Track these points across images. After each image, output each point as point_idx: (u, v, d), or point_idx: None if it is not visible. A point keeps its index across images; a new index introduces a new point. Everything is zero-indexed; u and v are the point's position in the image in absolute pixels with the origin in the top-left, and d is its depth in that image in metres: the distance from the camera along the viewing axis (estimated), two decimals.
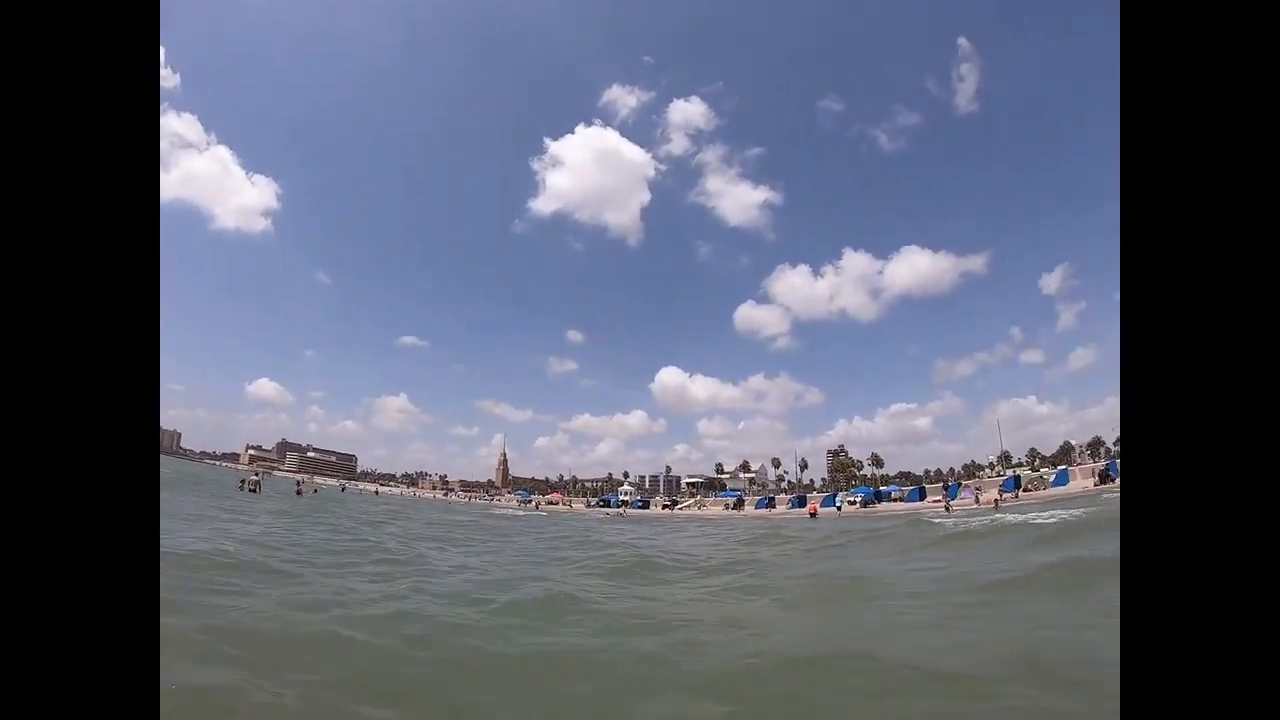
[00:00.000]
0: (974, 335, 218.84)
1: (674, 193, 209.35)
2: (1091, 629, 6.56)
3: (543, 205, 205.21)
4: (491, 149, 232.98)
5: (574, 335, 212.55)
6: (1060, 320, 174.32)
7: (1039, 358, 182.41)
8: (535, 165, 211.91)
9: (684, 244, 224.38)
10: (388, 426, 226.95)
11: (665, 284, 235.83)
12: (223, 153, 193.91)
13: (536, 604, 9.13)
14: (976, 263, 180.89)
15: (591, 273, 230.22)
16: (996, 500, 44.98)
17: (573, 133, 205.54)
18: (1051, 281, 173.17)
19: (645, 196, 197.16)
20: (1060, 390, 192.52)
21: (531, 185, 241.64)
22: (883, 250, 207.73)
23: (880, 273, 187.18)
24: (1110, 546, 12.14)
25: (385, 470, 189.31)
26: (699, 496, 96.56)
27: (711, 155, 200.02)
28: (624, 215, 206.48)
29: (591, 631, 7.46)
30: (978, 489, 56.00)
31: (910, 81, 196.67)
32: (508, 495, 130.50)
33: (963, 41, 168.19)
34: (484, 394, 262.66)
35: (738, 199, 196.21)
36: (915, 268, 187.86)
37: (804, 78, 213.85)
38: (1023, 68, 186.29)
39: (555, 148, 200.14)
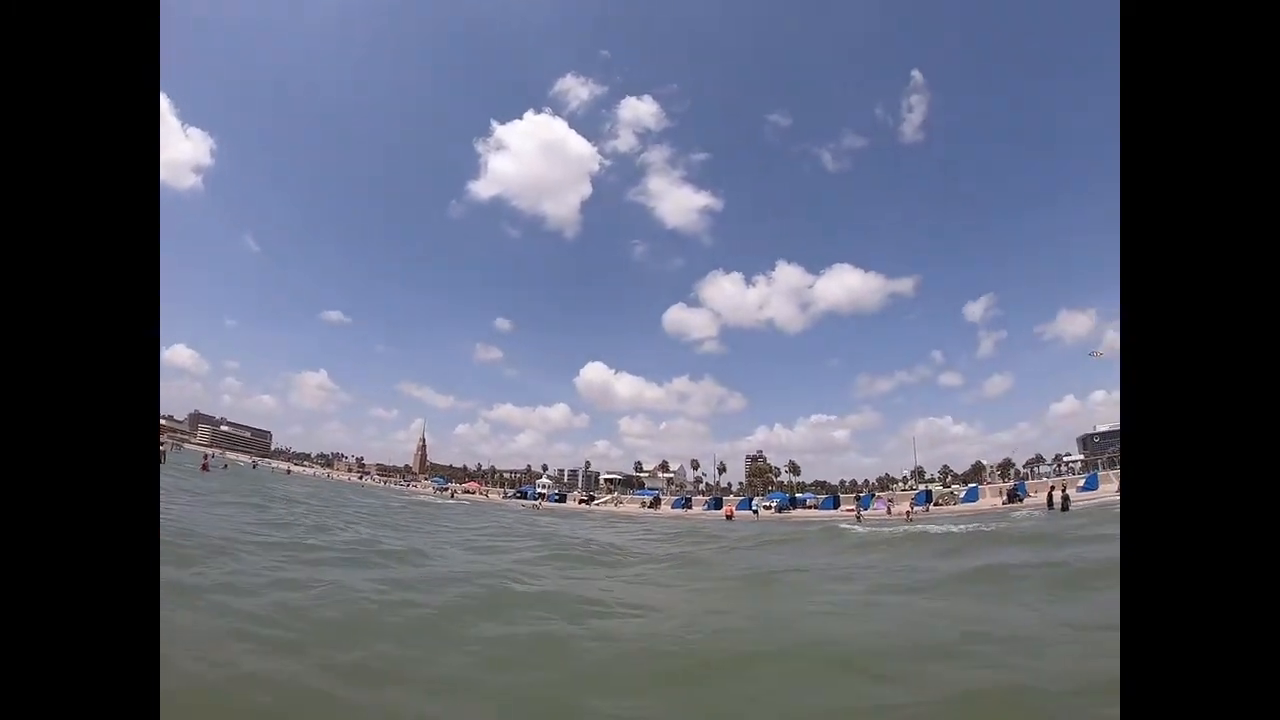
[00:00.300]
0: (897, 354, 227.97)
1: (616, 189, 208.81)
2: (989, 620, 7.74)
3: (483, 189, 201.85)
4: (437, 126, 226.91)
5: (502, 323, 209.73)
6: (980, 347, 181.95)
7: (957, 381, 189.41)
8: (479, 147, 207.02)
9: (620, 241, 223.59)
10: (306, 404, 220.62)
11: (598, 279, 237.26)
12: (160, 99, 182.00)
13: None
14: (905, 285, 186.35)
15: (525, 262, 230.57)
16: (908, 512, 46.42)
17: (521, 118, 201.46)
18: (975, 310, 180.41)
19: (587, 190, 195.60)
20: (975, 413, 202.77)
21: (473, 167, 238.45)
22: (815, 265, 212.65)
23: (811, 287, 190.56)
24: (1006, 555, 14.18)
25: (300, 449, 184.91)
26: (615, 493, 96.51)
27: (657, 155, 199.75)
28: (563, 207, 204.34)
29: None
30: (890, 501, 57.62)
31: (860, 106, 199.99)
32: (424, 481, 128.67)
33: (916, 74, 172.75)
34: (406, 376, 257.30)
35: (678, 201, 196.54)
36: (845, 285, 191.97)
37: (757, 90, 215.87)
38: (969, 106, 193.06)
39: (502, 132, 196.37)
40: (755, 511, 58.99)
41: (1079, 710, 4.61)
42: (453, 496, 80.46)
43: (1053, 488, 45.86)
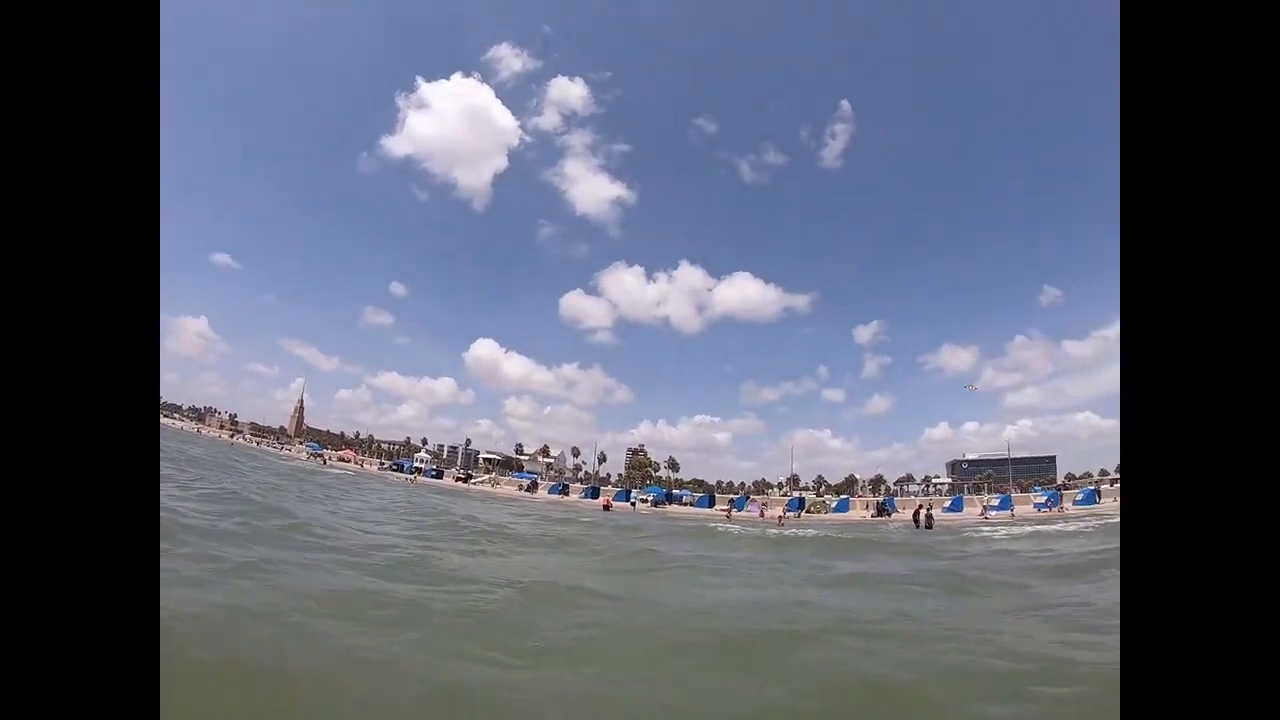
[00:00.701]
0: (785, 366, 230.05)
1: (532, 167, 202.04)
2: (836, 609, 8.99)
3: (397, 145, 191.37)
4: (359, 70, 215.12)
5: (397, 288, 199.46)
6: (865, 369, 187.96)
7: (840, 397, 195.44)
8: (400, 102, 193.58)
9: (528, 220, 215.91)
10: (182, 351, 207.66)
11: (500, 255, 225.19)
12: None
13: None
14: (801, 301, 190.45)
15: (429, 228, 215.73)
16: (781, 517, 48.10)
17: (448, 79, 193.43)
18: (865, 333, 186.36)
19: (502, 163, 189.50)
20: (854, 429, 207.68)
21: (391, 122, 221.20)
22: (718, 270, 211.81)
23: (711, 290, 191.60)
24: (868, 563, 16.07)
25: (171, 400, 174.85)
26: (493, 474, 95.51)
27: (579, 140, 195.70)
28: (476, 177, 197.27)
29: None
30: (764, 504, 59.65)
31: (787, 125, 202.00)
32: (299, 445, 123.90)
33: (845, 104, 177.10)
34: (292, 333, 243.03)
35: (592, 189, 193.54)
36: (744, 293, 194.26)
37: (690, 92, 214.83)
38: (890, 144, 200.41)
39: (427, 90, 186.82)
40: (633, 504, 59.92)
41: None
42: (325, 463, 77.39)
43: (920, 506, 48.72)
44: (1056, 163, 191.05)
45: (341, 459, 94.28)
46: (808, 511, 56.87)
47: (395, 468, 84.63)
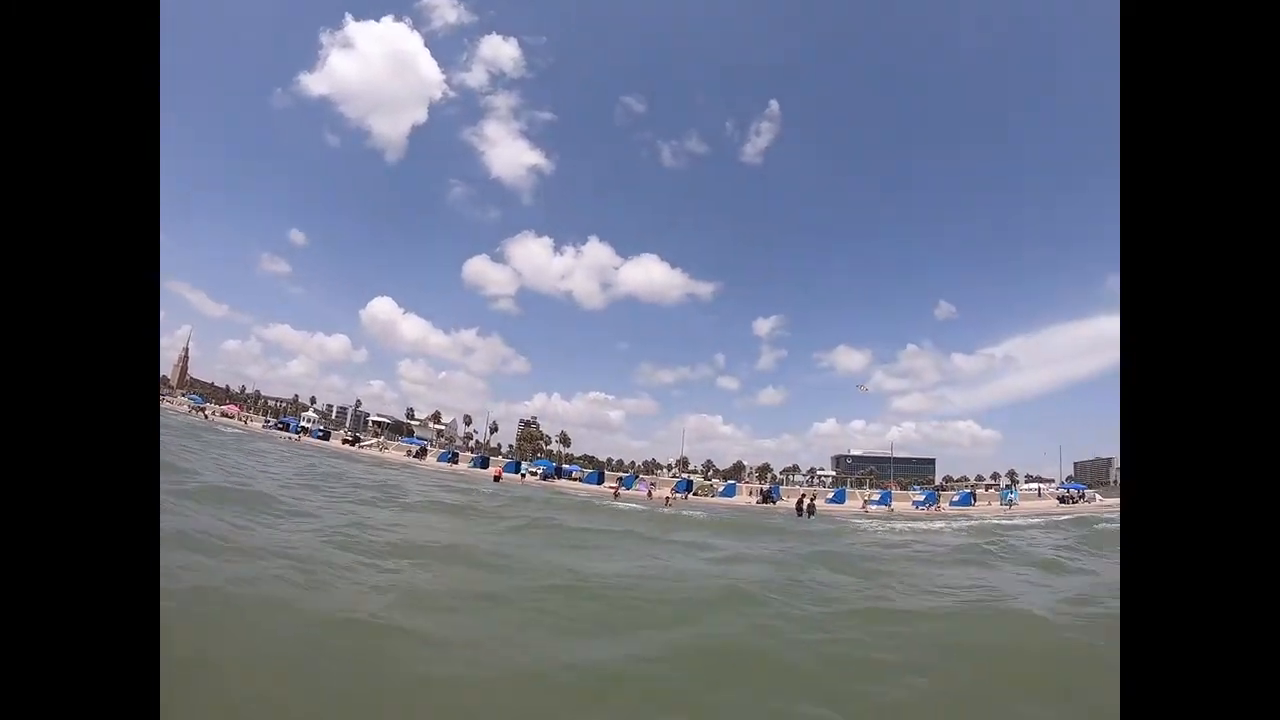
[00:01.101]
0: (683, 350, 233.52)
1: (451, 124, 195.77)
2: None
3: (314, 84, 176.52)
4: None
5: (297, 236, 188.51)
6: (761, 360, 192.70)
7: (734, 385, 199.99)
8: (324, 39, 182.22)
9: (441, 178, 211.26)
10: None
11: (408, 212, 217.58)
12: None
13: None
14: (705, 289, 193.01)
15: (337, 175, 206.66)
16: (668, 498, 48.67)
17: (378, 20, 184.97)
18: (764, 326, 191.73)
19: (422, 116, 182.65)
20: (745, 417, 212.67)
21: (311, 58, 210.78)
22: (626, 250, 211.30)
23: (617, 269, 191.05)
24: (750, 543, 18.15)
25: None
26: (382, 438, 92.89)
27: (504, 102, 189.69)
28: (393, 127, 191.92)
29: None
30: (652, 484, 60.33)
31: (714, 116, 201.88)
32: (180, 396, 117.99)
33: (774, 104, 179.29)
34: (180, 275, 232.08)
35: (510, 154, 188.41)
36: (650, 275, 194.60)
37: (623, 69, 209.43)
38: (810, 151, 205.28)
39: (354, 29, 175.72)
40: (523, 476, 59.51)
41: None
42: (206, 417, 73.79)
43: (803, 496, 50.08)
44: (966, 191, 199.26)
45: (225, 414, 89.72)
46: (695, 494, 57.84)
47: (280, 426, 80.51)
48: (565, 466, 76.81)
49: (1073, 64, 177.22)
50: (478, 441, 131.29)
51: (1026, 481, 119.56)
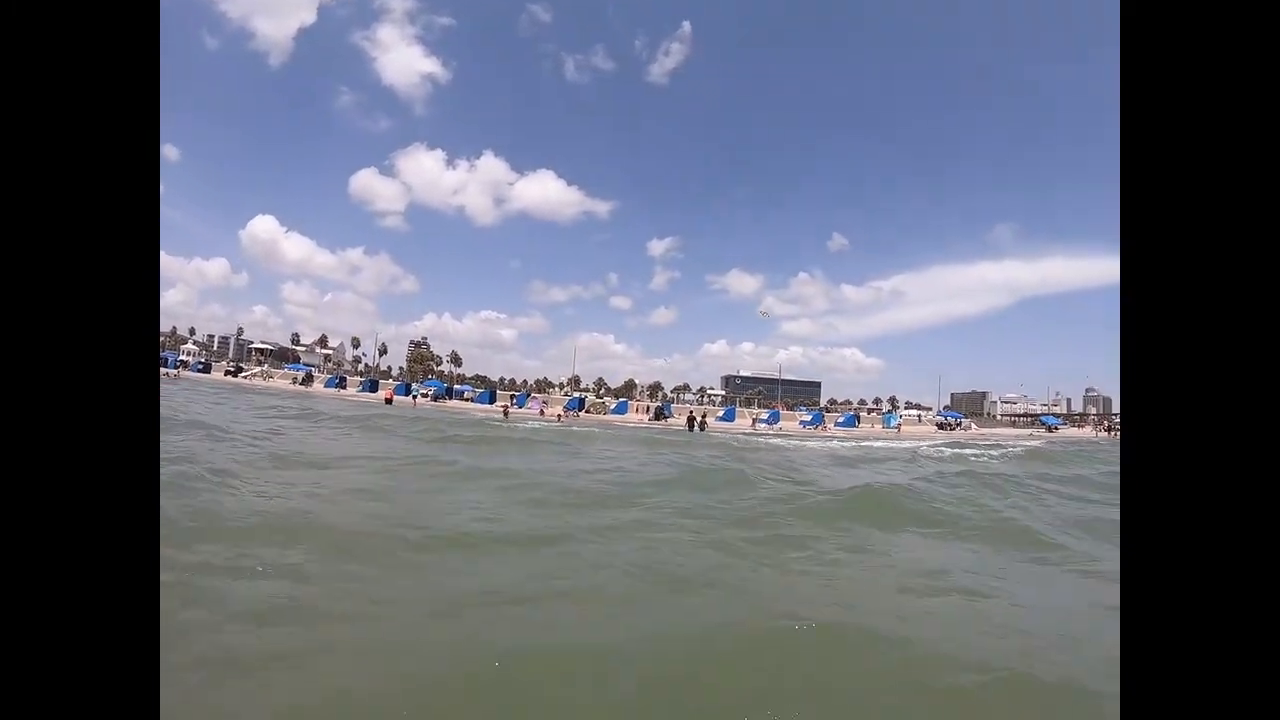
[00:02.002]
0: (576, 269, 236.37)
1: (342, 26, 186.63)
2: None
3: None
4: None
5: (169, 150, 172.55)
6: (654, 280, 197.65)
7: (627, 305, 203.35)
8: None
9: (328, 85, 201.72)
10: None
11: (290, 121, 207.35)
12: None
13: None
14: (602, 208, 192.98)
15: (215, 81, 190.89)
16: (560, 415, 49.02)
17: None
18: (659, 247, 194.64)
19: (310, 17, 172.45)
20: (637, 337, 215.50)
21: None
22: (521, 165, 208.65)
23: (511, 184, 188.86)
24: (658, 450, 21.48)
25: None
26: (265, 366, 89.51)
27: (400, 4, 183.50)
28: (278, 28, 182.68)
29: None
30: (544, 402, 60.81)
31: (624, 32, 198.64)
32: None
33: (687, 25, 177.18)
34: None
35: (404, 60, 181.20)
36: (545, 191, 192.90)
37: None
38: (718, 75, 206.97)
39: None
40: (414, 398, 59.00)
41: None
42: None
43: (691, 413, 51.22)
44: (866, 132, 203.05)
45: None
46: (586, 412, 58.96)
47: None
48: (457, 387, 76.61)
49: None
50: (367, 365, 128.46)
51: (906, 408, 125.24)
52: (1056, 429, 71.74)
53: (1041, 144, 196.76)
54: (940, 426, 70.31)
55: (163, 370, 62.84)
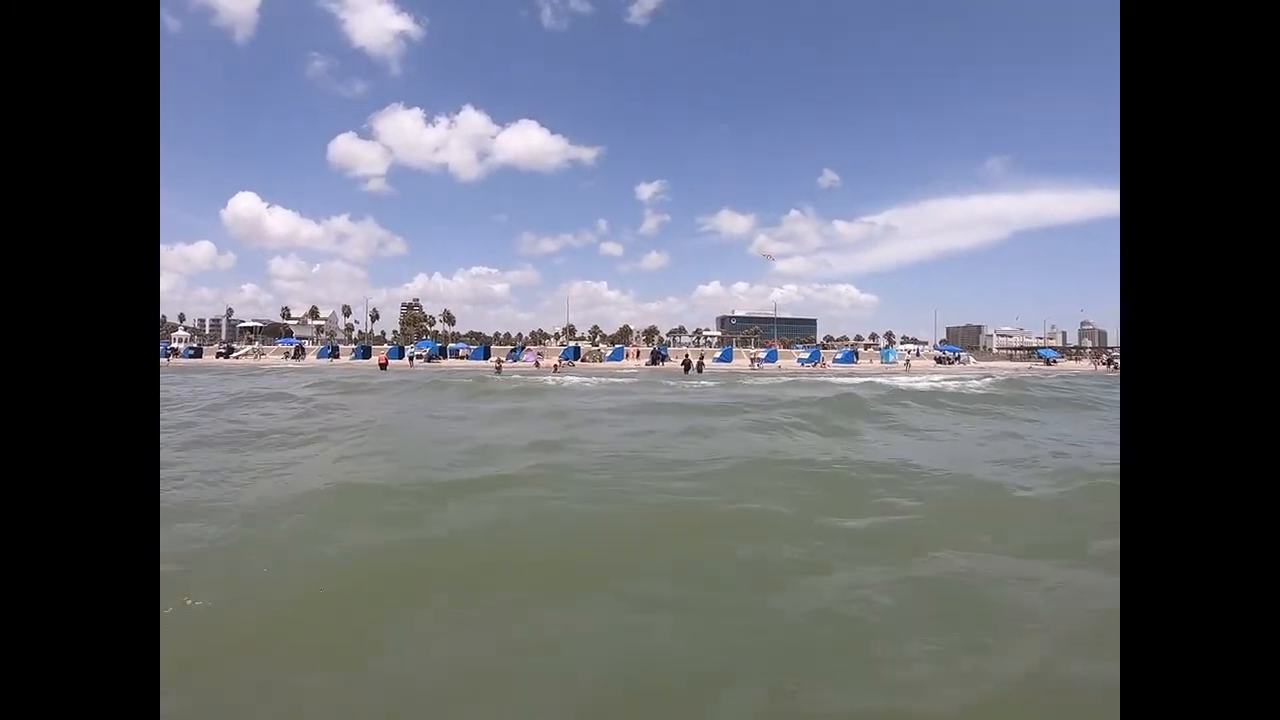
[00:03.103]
0: (565, 218, 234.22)
1: None
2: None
3: None
4: None
5: None
6: (645, 225, 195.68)
7: (618, 251, 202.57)
8: None
9: (297, 52, 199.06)
10: None
11: (263, 94, 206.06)
12: None
13: None
14: (587, 154, 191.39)
15: (178, 57, 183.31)
16: (556, 365, 49.01)
17: None
18: (647, 190, 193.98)
19: None
20: (630, 282, 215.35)
21: None
22: (502, 117, 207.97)
23: (493, 137, 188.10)
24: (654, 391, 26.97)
25: None
26: (257, 344, 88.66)
27: None
28: (240, 3, 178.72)
29: None
30: (540, 354, 60.51)
31: None
32: None
33: None
34: None
35: (375, 19, 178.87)
36: (528, 141, 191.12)
37: None
38: (700, 13, 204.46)
39: None
40: (410, 360, 58.60)
41: None
42: None
43: (687, 355, 51.09)
44: (855, 65, 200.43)
45: None
46: (583, 360, 58.54)
47: None
48: (451, 346, 76.43)
49: None
50: (360, 332, 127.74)
51: (902, 343, 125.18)
52: (1055, 362, 69.77)
53: (1032, 72, 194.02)
54: (939, 360, 70.06)
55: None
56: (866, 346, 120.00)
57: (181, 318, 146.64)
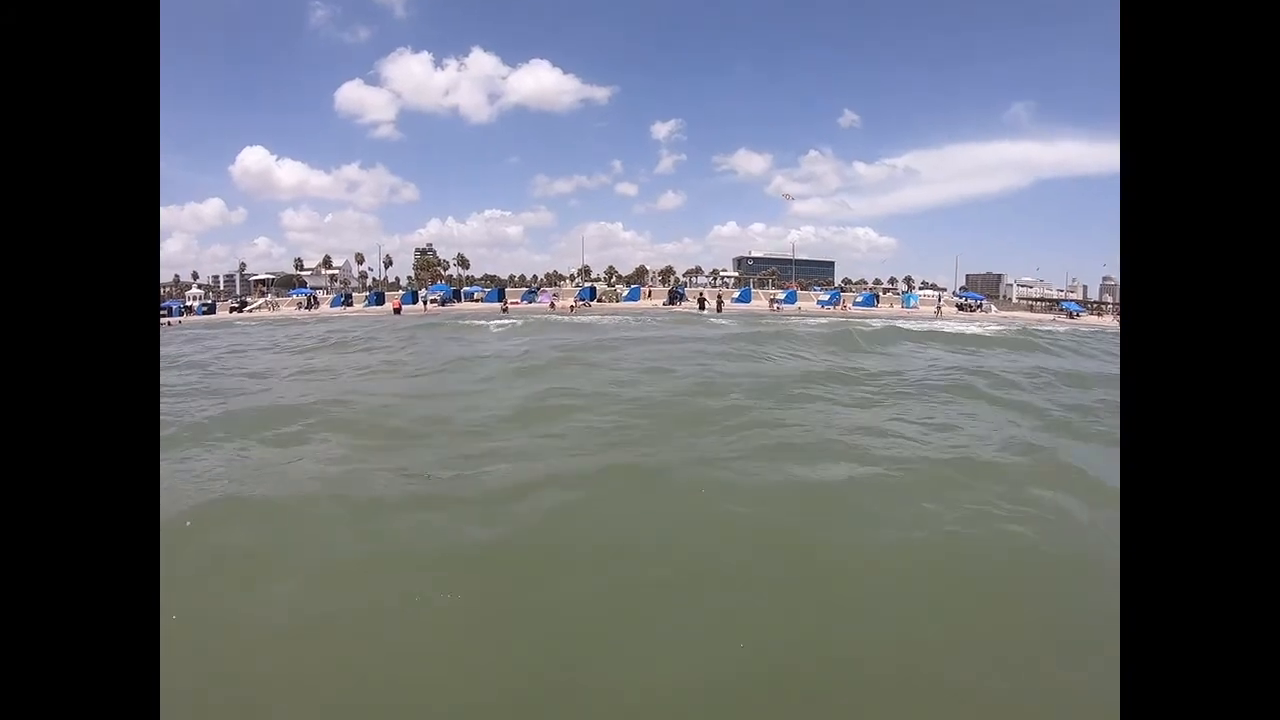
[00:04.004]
0: (578, 158, 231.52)
1: None
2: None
3: None
4: None
5: None
6: (660, 164, 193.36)
7: (633, 191, 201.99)
8: None
9: (299, 2, 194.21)
10: None
11: (265, 46, 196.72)
12: None
13: None
14: (601, 94, 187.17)
15: (178, 20, 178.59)
16: (572, 306, 48.99)
17: None
18: (662, 130, 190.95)
19: None
20: (645, 223, 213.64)
21: None
22: (513, 58, 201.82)
23: (504, 79, 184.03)
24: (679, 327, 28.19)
25: None
26: (269, 296, 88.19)
27: None
28: None
29: None
30: (555, 295, 60.43)
31: None
32: None
33: None
34: None
35: None
36: (540, 82, 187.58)
37: None
38: None
39: None
40: (424, 305, 58.73)
41: None
42: None
43: (702, 294, 50.47)
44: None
45: None
46: (599, 301, 58.38)
47: (164, 311, 74.58)
48: (466, 289, 76.49)
49: None
50: (374, 279, 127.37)
51: (921, 288, 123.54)
52: (1078, 315, 66.54)
53: (1062, 18, 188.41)
54: (960, 308, 68.42)
55: (169, 320, 60.45)
56: (884, 290, 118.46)
57: (195, 276, 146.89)
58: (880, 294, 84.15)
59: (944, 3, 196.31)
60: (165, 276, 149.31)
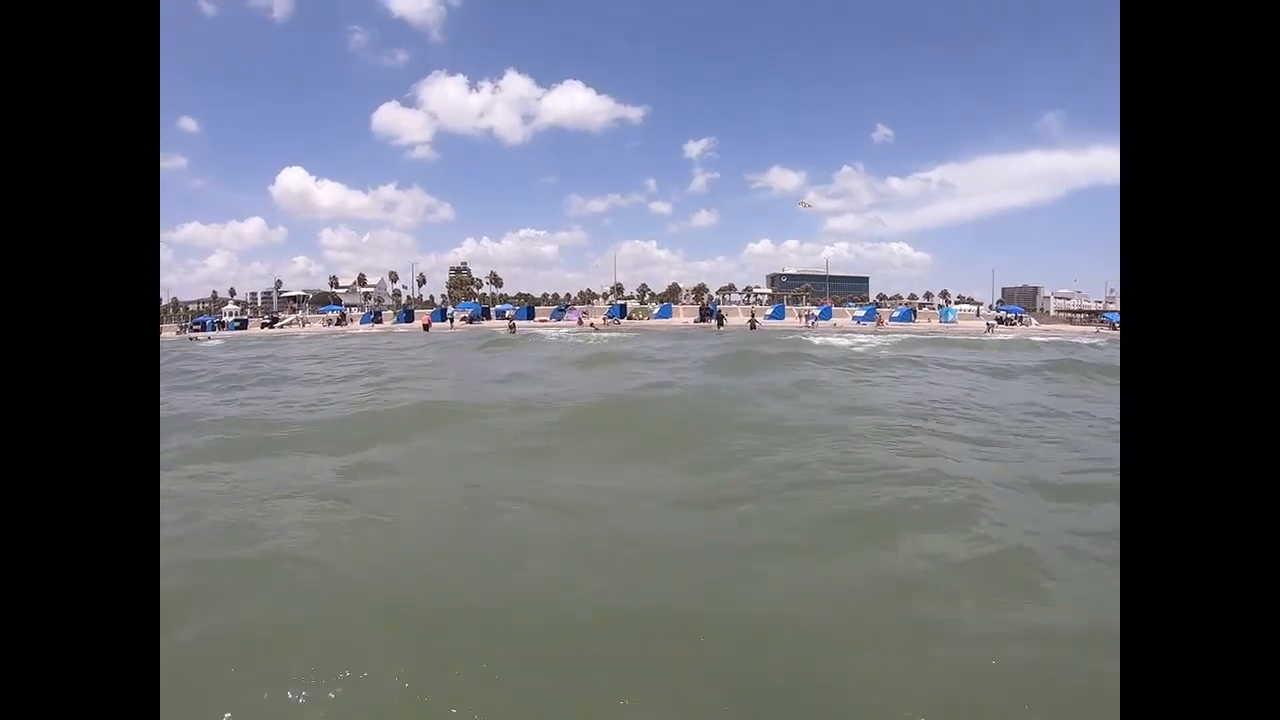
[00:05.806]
0: (612, 178, 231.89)
1: None
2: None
3: None
4: None
5: (187, 123, 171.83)
6: (693, 183, 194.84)
7: (667, 210, 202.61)
8: None
9: (338, 26, 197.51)
10: None
11: (306, 70, 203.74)
12: None
13: None
14: (635, 113, 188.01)
15: (220, 44, 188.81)
16: (594, 324, 49.38)
17: None
18: (695, 149, 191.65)
19: None
20: (679, 241, 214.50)
21: None
22: (547, 79, 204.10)
23: (539, 100, 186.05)
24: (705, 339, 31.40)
25: None
26: (300, 313, 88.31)
27: None
28: None
29: None
30: (584, 313, 60.09)
31: None
32: None
33: None
34: None
35: None
36: (574, 102, 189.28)
37: None
38: None
39: None
40: (451, 322, 58.54)
41: None
42: None
43: (721, 310, 49.82)
44: (909, 17, 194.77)
45: None
46: (630, 318, 57.79)
47: (197, 326, 74.50)
48: (497, 307, 77.15)
49: None
50: (409, 297, 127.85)
51: (958, 302, 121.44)
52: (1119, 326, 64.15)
53: (1091, 25, 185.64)
54: (1000, 321, 66.53)
55: (205, 335, 61.19)
56: (921, 306, 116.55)
57: (232, 292, 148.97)
58: (917, 309, 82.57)
59: (973, 13, 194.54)
60: (203, 293, 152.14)
